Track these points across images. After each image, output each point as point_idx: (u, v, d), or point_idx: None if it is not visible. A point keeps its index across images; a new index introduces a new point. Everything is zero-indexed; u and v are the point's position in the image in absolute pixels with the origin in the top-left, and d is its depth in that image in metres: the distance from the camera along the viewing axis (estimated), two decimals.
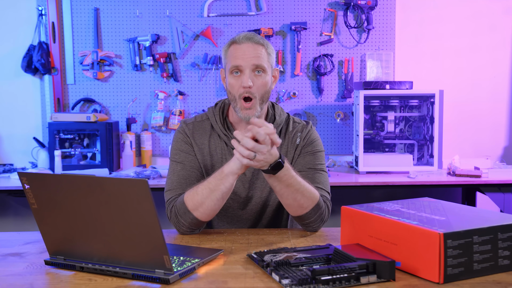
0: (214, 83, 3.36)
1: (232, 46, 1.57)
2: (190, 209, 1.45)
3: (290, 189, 1.43)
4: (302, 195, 1.45)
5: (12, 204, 3.40)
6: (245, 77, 1.53)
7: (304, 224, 1.53)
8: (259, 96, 1.55)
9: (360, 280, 1.06)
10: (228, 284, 1.11)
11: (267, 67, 1.56)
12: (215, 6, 3.31)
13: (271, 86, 1.60)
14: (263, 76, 1.55)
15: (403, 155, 3.08)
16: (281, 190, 1.44)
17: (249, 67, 1.53)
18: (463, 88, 3.39)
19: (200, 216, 1.46)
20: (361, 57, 3.36)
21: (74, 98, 3.33)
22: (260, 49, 1.55)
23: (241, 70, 1.54)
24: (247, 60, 1.53)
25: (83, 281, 1.13)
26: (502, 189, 2.82)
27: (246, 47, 1.54)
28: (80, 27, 3.30)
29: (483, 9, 3.36)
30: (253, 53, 1.53)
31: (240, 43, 1.55)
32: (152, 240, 1.09)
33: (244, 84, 1.52)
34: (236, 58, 1.54)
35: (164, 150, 3.39)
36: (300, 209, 1.48)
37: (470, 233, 1.07)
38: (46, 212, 1.19)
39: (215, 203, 1.44)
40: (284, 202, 1.48)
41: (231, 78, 1.56)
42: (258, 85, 1.54)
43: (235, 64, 1.54)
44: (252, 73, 1.54)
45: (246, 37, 1.55)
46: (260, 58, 1.54)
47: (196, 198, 1.44)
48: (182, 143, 1.64)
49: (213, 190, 1.42)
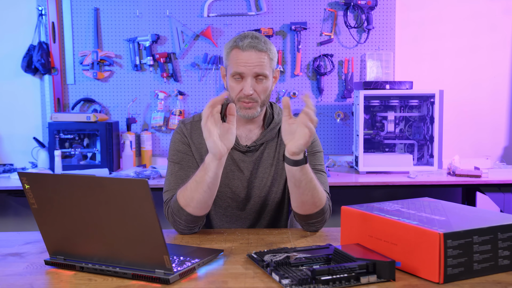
0: (214, 83, 3.36)
1: (235, 51, 1.55)
2: (183, 205, 1.46)
3: (312, 183, 1.43)
4: (318, 191, 1.46)
5: (12, 204, 3.39)
6: (246, 85, 1.53)
7: (310, 223, 1.53)
8: (261, 100, 1.57)
9: (360, 280, 1.06)
10: (228, 284, 1.11)
11: (269, 73, 1.57)
12: (215, 6, 3.31)
13: (271, 89, 1.61)
14: (264, 82, 1.56)
15: (403, 155, 3.08)
16: (306, 185, 1.42)
17: (251, 74, 1.54)
18: (463, 88, 3.39)
19: (193, 212, 1.46)
20: (361, 57, 3.36)
21: (74, 98, 3.33)
22: (263, 56, 1.54)
23: (243, 77, 1.55)
24: (250, 68, 1.53)
25: (83, 281, 1.13)
26: (502, 189, 2.82)
27: (249, 55, 1.53)
28: (80, 27, 3.30)
29: (483, 9, 3.36)
30: (256, 61, 1.53)
31: (244, 50, 1.53)
32: (152, 240, 1.09)
33: (246, 92, 1.53)
34: (238, 65, 1.54)
35: (164, 150, 3.39)
36: (313, 206, 1.48)
37: (470, 233, 1.07)
38: (46, 212, 1.19)
39: (203, 196, 1.43)
40: (302, 199, 1.46)
41: (232, 81, 1.57)
42: (259, 90, 1.56)
43: (237, 71, 1.54)
44: (253, 80, 1.54)
45: (250, 45, 1.53)
46: (263, 66, 1.54)
47: (186, 194, 1.45)
48: (180, 143, 1.64)
49: (199, 182, 1.42)
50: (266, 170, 1.65)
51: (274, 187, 1.65)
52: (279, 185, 1.65)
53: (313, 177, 1.44)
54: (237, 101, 1.57)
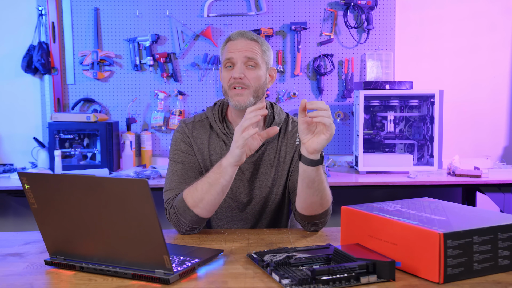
0: (214, 83, 3.36)
1: (228, 43, 1.59)
2: (190, 206, 1.45)
3: (323, 185, 1.43)
4: (327, 193, 1.47)
5: (12, 204, 3.40)
6: (236, 69, 1.54)
7: (312, 224, 1.53)
8: (253, 88, 1.55)
9: (360, 280, 1.06)
10: (228, 284, 1.11)
11: (261, 62, 1.57)
12: (215, 6, 3.31)
13: (265, 82, 1.60)
14: (255, 70, 1.56)
15: (403, 155, 3.08)
16: (319, 185, 1.42)
17: (241, 59, 1.54)
18: (463, 88, 3.39)
19: (200, 213, 1.46)
20: (361, 57, 3.36)
21: (74, 98, 3.33)
22: (253, 44, 1.57)
23: (233, 63, 1.56)
24: (239, 52, 1.55)
25: (83, 281, 1.13)
26: (502, 189, 2.82)
27: (239, 42, 1.56)
28: (80, 27, 3.30)
29: (483, 9, 3.36)
30: (245, 47, 1.55)
31: (234, 39, 1.57)
32: (152, 240, 1.09)
33: (234, 74, 1.53)
34: (228, 52, 1.56)
35: (164, 150, 3.38)
36: (320, 207, 1.48)
37: (470, 233, 1.07)
38: (46, 212, 1.19)
39: (215, 197, 1.44)
40: (312, 199, 1.45)
41: (224, 71, 1.58)
42: (250, 77, 1.55)
43: (227, 57, 1.56)
44: (243, 66, 1.55)
45: (239, 33, 1.58)
46: (253, 52, 1.55)
47: (196, 194, 1.44)
48: (182, 143, 1.64)
49: (212, 184, 1.42)
50: (267, 171, 1.64)
51: (275, 188, 1.65)
52: (280, 186, 1.65)
53: (325, 178, 1.45)
54: (229, 90, 1.56)
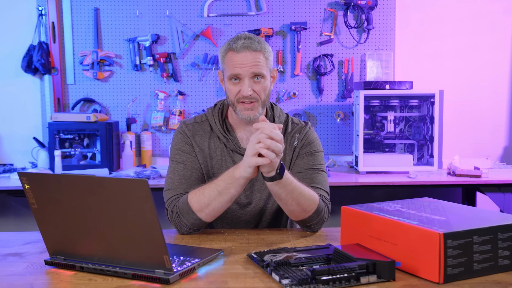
0: (214, 83, 3.36)
1: (230, 53, 1.55)
2: (195, 210, 1.45)
3: (294, 193, 1.43)
4: (305, 198, 1.45)
5: (12, 204, 3.39)
6: (244, 86, 1.53)
7: (306, 226, 1.54)
8: (261, 100, 1.57)
9: (360, 280, 1.06)
10: (228, 284, 1.11)
11: (266, 72, 1.56)
12: (215, 6, 3.31)
13: (271, 88, 1.61)
14: (262, 82, 1.55)
15: (403, 155, 3.08)
16: (286, 196, 1.43)
17: (248, 75, 1.53)
18: (463, 88, 3.39)
19: (204, 217, 1.47)
20: (361, 57, 3.36)
21: (74, 98, 3.33)
22: (259, 56, 1.54)
23: (240, 78, 1.54)
24: (246, 69, 1.53)
25: (83, 281, 1.13)
26: (502, 189, 2.82)
27: (244, 56, 1.53)
28: (80, 27, 3.30)
29: (483, 9, 3.36)
30: (251, 61, 1.53)
31: (238, 52, 1.53)
32: (152, 240, 1.09)
33: (244, 93, 1.53)
34: (234, 67, 1.54)
35: (164, 150, 3.38)
36: (303, 213, 1.48)
37: (470, 233, 1.07)
38: (46, 212, 1.19)
39: (222, 205, 1.45)
40: (289, 208, 1.47)
41: (229, 84, 1.57)
42: (258, 90, 1.55)
43: (233, 73, 1.54)
44: (251, 80, 1.54)
45: (244, 46, 1.53)
46: (259, 66, 1.54)
47: (203, 200, 1.45)
48: (183, 143, 1.64)
49: (221, 192, 1.43)
50: None
51: None
52: None
53: (295, 188, 1.42)
54: (237, 103, 1.56)
